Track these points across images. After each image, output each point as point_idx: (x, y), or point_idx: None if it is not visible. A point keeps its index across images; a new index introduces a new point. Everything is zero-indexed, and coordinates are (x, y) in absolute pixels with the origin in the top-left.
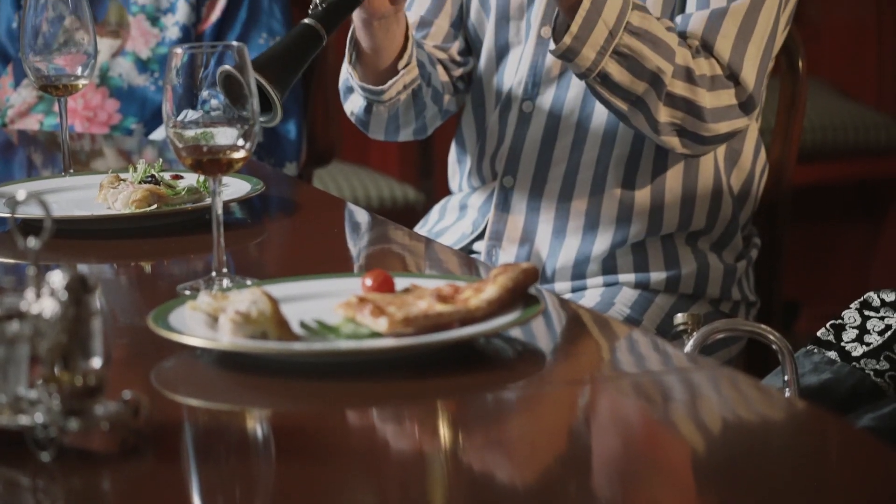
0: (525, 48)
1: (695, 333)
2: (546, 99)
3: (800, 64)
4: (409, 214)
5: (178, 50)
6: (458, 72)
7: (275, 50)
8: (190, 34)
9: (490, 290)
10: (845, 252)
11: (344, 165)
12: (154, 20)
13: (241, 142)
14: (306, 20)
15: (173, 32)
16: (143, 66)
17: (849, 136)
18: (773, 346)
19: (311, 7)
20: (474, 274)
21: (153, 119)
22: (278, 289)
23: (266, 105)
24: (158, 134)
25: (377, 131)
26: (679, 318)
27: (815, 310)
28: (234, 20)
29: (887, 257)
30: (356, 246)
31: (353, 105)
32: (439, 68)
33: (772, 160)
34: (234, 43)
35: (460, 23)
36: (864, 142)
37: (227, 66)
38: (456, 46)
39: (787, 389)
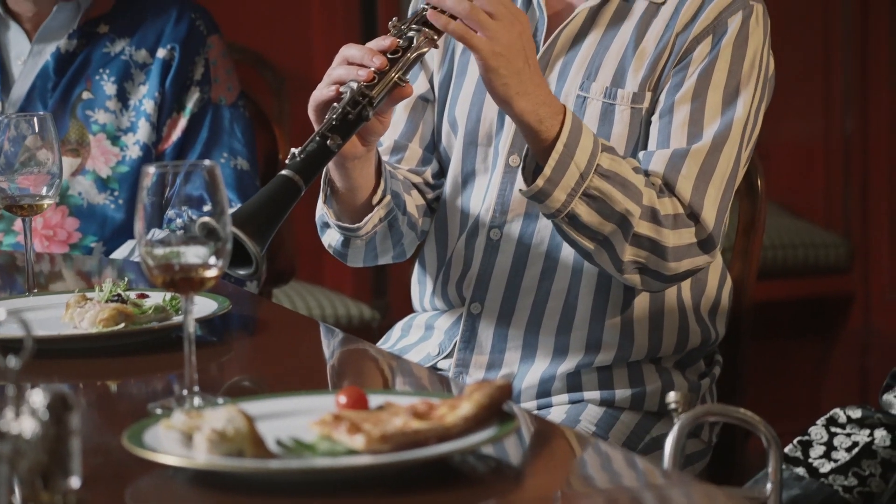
0: (493, 176)
1: (683, 414)
2: (514, 227)
3: (759, 184)
4: (365, 332)
5: (151, 169)
6: (432, 194)
7: (254, 203)
8: (151, 153)
9: (466, 407)
10: (797, 369)
11: (299, 284)
12: (115, 139)
13: (213, 260)
14: (285, 171)
15: (134, 151)
16: (103, 184)
17: (798, 255)
18: (763, 438)
19: (288, 157)
20: (447, 391)
21: (113, 238)
22: (252, 406)
23: (246, 257)
24: (119, 253)
25: (356, 261)
26: (672, 395)
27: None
28: (195, 139)
29: (838, 375)
30: (325, 363)
31: (331, 239)
32: (414, 192)
33: (732, 279)
34: (207, 162)
35: (433, 147)
36: (813, 260)
37: (206, 219)
38: (430, 170)
39: (768, 483)
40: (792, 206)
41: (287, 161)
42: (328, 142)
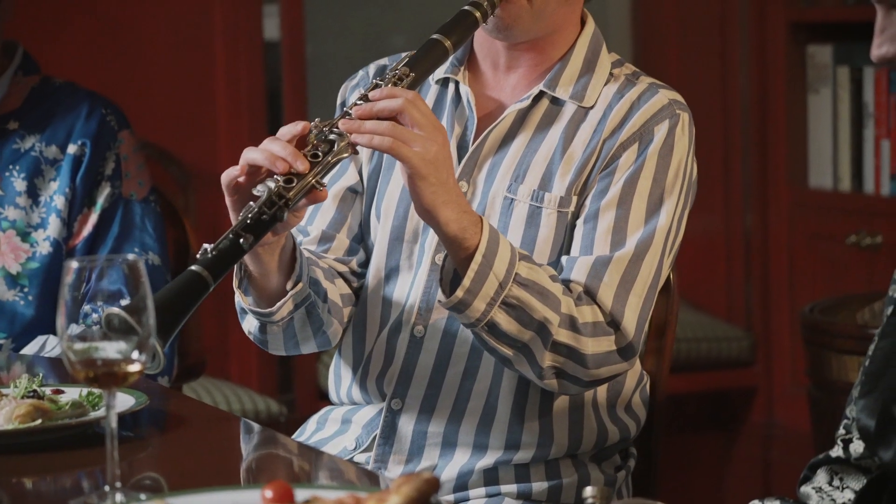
0: (418, 273)
1: None
2: (439, 325)
3: (672, 282)
4: (273, 426)
5: (73, 263)
6: (357, 283)
7: (161, 298)
8: (61, 249)
9: (394, 501)
10: (702, 462)
11: (205, 379)
12: (25, 235)
13: (135, 354)
14: (194, 267)
15: (44, 247)
16: (12, 281)
17: (702, 349)
18: None
19: (199, 252)
20: (372, 484)
21: (23, 334)
22: (176, 502)
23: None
24: (29, 349)
25: (277, 348)
26: (588, 490)
27: None
28: (106, 235)
29: (742, 467)
30: (245, 457)
31: (249, 325)
32: (338, 281)
33: (646, 374)
34: (130, 256)
35: (361, 237)
36: (716, 354)
37: (113, 310)
38: (356, 260)
39: None
40: (694, 300)
41: (198, 256)
42: (241, 240)
